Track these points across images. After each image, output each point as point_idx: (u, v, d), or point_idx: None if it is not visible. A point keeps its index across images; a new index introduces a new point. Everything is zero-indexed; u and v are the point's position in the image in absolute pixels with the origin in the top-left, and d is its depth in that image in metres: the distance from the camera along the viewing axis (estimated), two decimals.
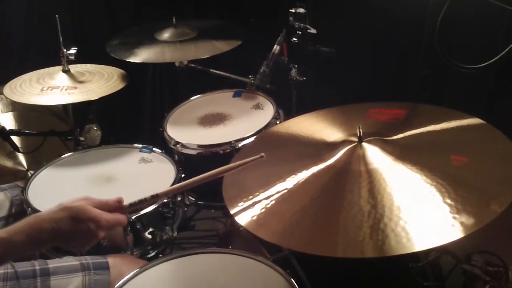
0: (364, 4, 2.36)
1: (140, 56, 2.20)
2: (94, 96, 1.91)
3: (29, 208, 1.60)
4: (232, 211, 1.19)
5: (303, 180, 1.21)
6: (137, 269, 1.27)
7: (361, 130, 1.26)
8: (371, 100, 1.52)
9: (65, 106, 2.28)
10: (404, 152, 1.21)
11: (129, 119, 2.95)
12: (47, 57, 2.22)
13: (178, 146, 1.90)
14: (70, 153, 1.92)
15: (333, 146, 1.30)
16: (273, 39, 2.07)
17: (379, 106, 1.48)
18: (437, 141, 1.28)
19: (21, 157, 2.27)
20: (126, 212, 1.21)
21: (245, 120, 2.02)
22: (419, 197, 1.09)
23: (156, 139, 2.11)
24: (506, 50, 1.70)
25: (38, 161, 2.06)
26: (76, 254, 1.47)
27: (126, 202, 1.23)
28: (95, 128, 1.93)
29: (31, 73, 2.11)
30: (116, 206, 1.19)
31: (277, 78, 2.11)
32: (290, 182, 1.22)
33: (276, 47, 2.06)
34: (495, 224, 0.99)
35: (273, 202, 1.18)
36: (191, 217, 2.10)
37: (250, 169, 1.37)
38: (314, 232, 1.09)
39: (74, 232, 1.11)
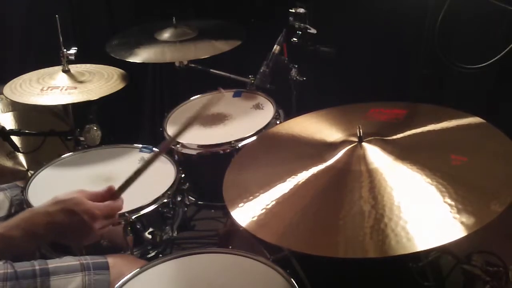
0: (364, 4, 2.36)
1: (140, 56, 2.19)
2: (94, 96, 1.91)
3: (29, 208, 1.60)
4: (232, 212, 1.19)
5: (303, 180, 1.21)
6: (137, 269, 1.27)
7: (361, 130, 1.26)
8: (371, 100, 1.52)
9: (65, 106, 2.28)
10: (404, 152, 1.21)
11: (129, 119, 2.95)
12: (47, 57, 2.22)
13: (178, 146, 1.90)
14: (70, 153, 1.92)
15: (333, 146, 1.30)
16: (273, 39, 2.07)
17: (379, 106, 1.48)
18: (437, 140, 1.28)
19: (21, 157, 2.27)
20: (118, 197, 1.22)
21: (245, 120, 2.02)
22: (419, 197, 1.09)
23: (156, 139, 2.11)
24: (506, 50, 1.69)
25: (38, 161, 2.06)
26: (75, 253, 1.47)
27: (125, 202, 1.24)
28: (95, 128, 1.93)
29: (31, 73, 2.11)
30: (108, 195, 1.20)
31: (277, 78, 2.11)
32: (290, 182, 1.21)
33: (276, 47, 2.06)
34: (495, 224, 0.99)
35: (273, 202, 1.18)
36: (191, 217, 2.10)
37: (250, 170, 1.38)
38: (315, 232, 1.08)
39: (69, 225, 1.12)
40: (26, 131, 1.99)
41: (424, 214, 1.05)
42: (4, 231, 1.09)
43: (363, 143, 1.25)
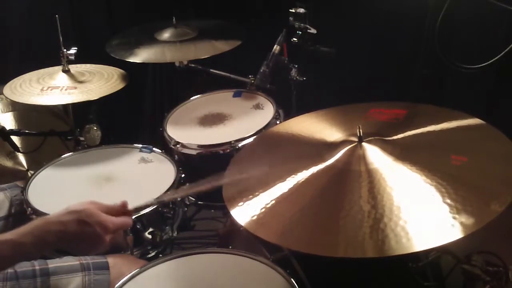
0: (364, 4, 2.36)
1: (140, 56, 2.20)
2: (94, 96, 1.91)
3: (29, 208, 1.60)
4: (232, 211, 1.19)
5: (303, 180, 1.21)
6: (137, 269, 1.27)
7: (361, 130, 1.26)
8: (371, 100, 1.52)
9: (65, 106, 2.28)
10: (404, 152, 1.21)
11: (129, 119, 2.95)
12: (47, 57, 2.22)
13: (178, 146, 1.90)
14: (70, 153, 1.92)
15: (333, 146, 1.30)
16: (273, 39, 2.07)
17: (379, 106, 1.48)
18: (437, 141, 1.28)
19: (21, 157, 2.27)
20: (131, 215, 1.23)
21: (245, 120, 2.02)
22: (419, 197, 1.09)
23: (156, 139, 2.11)
24: (506, 50, 1.70)
25: (38, 161, 2.06)
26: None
27: (129, 203, 1.25)
28: (95, 128, 1.93)
29: (31, 73, 2.11)
30: (121, 210, 1.22)
31: (277, 78, 2.11)
32: (290, 182, 1.21)
33: (276, 47, 2.06)
34: (495, 224, 0.99)
35: (273, 202, 1.18)
36: (191, 217, 2.10)
37: (250, 169, 1.37)
38: (314, 232, 1.08)
39: (81, 235, 1.13)
40: (26, 131, 1.99)
41: (424, 214, 1.05)
42: (16, 238, 1.09)
43: (363, 143, 1.25)
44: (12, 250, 1.09)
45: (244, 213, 1.17)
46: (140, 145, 1.91)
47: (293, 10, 2.03)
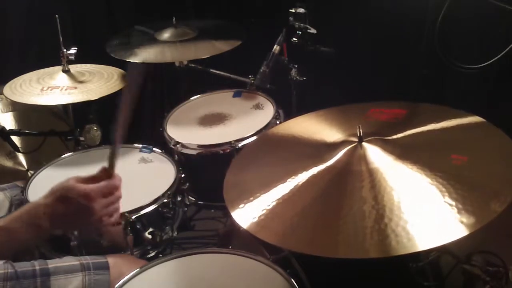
0: (364, 4, 2.36)
1: (140, 56, 2.19)
2: (94, 96, 1.91)
3: None
4: (232, 212, 1.19)
5: (303, 180, 1.21)
6: (137, 269, 1.27)
7: (361, 130, 1.26)
8: (371, 100, 1.52)
9: (65, 106, 2.28)
10: (405, 152, 1.21)
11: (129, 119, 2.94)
12: (47, 57, 2.22)
13: (178, 146, 1.90)
14: (70, 153, 1.92)
15: (333, 146, 1.30)
16: (273, 39, 2.07)
17: (379, 106, 1.48)
18: (437, 140, 1.28)
19: (21, 157, 2.27)
20: (112, 175, 1.22)
21: (245, 120, 2.02)
22: (419, 197, 1.09)
23: (156, 139, 2.11)
24: (506, 50, 1.70)
25: (38, 161, 2.06)
26: (75, 253, 1.47)
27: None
28: (95, 128, 1.93)
29: (31, 73, 2.11)
30: (102, 175, 1.25)
31: (277, 78, 2.11)
32: (291, 183, 1.21)
33: (276, 47, 2.06)
34: (495, 224, 0.99)
35: (274, 203, 1.18)
36: (191, 217, 2.10)
37: (250, 170, 1.38)
38: (315, 233, 1.08)
39: (68, 211, 1.13)
40: (26, 131, 1.99)
41: (424, 214, 1.05)
42: (5, 224, 1.10)
43: (363, 143, 1.25)
44: (4, 236, 1.09)
45: (245, 214, 1.17)
46: (140, 145, 1.90)
47: (293, 10, 2.03)
